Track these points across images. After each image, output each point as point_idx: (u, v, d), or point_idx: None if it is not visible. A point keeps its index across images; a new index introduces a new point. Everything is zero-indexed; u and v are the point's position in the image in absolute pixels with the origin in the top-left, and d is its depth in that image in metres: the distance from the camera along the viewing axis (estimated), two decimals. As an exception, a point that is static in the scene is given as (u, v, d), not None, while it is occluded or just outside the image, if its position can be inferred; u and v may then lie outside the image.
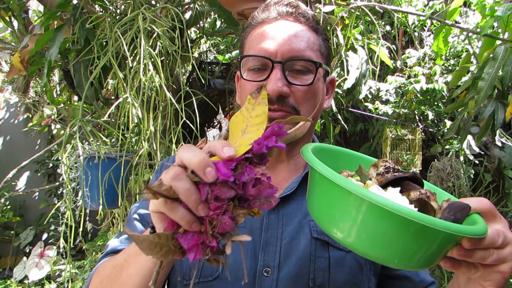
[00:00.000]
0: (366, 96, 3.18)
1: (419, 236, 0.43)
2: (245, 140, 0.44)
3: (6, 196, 3.22)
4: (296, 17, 0.76)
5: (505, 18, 1.36)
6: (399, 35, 3.68)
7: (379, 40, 2.13)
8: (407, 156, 3.30)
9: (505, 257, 0.49)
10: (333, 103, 1.90)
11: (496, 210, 0.51)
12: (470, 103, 1.47)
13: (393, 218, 0.42)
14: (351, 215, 0.45)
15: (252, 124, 0.44)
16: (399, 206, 0.42)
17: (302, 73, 0.72)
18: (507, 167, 2.91)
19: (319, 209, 0.51)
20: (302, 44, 0.73)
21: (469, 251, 0.46)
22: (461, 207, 0.48)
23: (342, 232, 0.47)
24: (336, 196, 0.47)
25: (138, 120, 1.57)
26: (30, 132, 3.77)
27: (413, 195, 0.49)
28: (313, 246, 0.70)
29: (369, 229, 0.45)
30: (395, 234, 0.43)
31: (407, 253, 0.44)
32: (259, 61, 0.72)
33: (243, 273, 0.67)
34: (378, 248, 0.45)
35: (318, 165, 0.48)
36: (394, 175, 0.51)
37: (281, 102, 0.70)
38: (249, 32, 0.79)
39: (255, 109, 0.45)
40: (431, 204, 0.49)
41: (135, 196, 1.63)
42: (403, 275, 0.77)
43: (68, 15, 1.67)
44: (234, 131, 0.46)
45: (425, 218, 0.41)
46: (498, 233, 0.48)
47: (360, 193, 0.43)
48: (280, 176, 0.79)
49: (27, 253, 3.67)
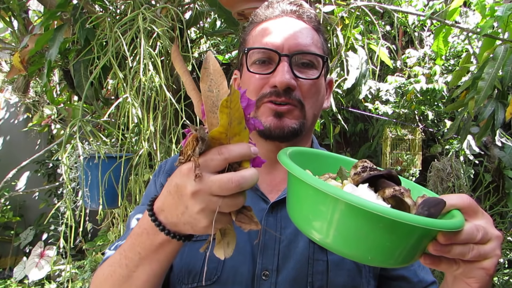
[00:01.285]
0: (366, 96, 3.18)
1: (389, 231, 0.42)
2: (238, 129, 0.45)
3: (6, 196, 3.23)
4: (299, 15, 0.76)
5: (505, 18, 1.35)
6: (399, 35, 3.68)
7: (379, 40, 2.13)
8: (407, 156, 3.30)
9: (486, 253, 0.48)
10: (333, 103, 1.90)
11: (478, 206, 0.50)
12: (470, 103, 1.47)
13: (361, 214, 0.42)
14: (323, 213, 0.45)
15: (234, 109, 0.45)
16: (366, 201, 0.41)
17: (308, 68, 0.73)
18: (507, 167, 2.91)
19: (296, 211, 0.51)
20: (308, 39, 0.73)
21: (446, 247, 0.45)
22: (435, 202, 0.47)
23: (318, 233, 0.47)
24: (307, 196, 0.48)
25: (138, 120, 1.57)
26: (30, 132, 3.77)
27: (387, 192, 0.49)
28: (311, 249, 0.70)
29: (340, 227, 0.44)
30: (365, 230, 0.43)
31: (380, 250, 0.44)
32: (265, 54, 0.72)
33: (242, 277, 0.67)
34: (351, 245, 0.45)
35: (291, 166, 0.48)
36: (370, 174, 0.51)
37: (288, 94, 0.70)
38: (252, 29, 0.79)
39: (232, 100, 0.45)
40: (405, 201, 0.48)
41: (135, 196, 1.63)
42: (400, 275, 0.76)
43: (68, 15, 1.67)
44: (218, 131, 0.47)
45: (392, 212, 0.40)
46: (477, 228, 0.47)
47: (328, 190, 0.43)
48: (278, 178, 0.78)
49: (27, 253, 3.67)
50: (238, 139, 0.46)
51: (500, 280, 2.20)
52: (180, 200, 0.46)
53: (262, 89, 0.72)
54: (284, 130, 0.71)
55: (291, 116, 0.71)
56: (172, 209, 0.48)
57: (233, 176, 0.43)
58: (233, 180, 0.43)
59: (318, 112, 0.78)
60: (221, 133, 0.45)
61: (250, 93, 0.73)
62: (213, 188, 0.44)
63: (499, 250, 0.49)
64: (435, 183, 2.71)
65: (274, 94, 0.70)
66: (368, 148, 3.88)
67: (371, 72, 2.06)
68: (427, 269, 0.79)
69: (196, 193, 0.44)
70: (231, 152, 0.44)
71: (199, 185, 0.44)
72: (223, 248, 0.49)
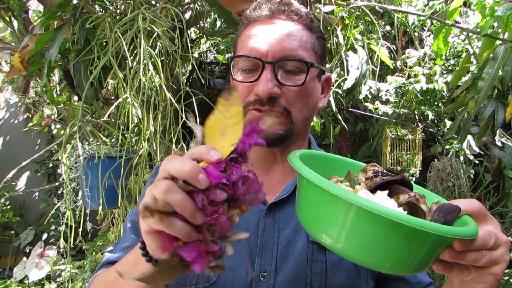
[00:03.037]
0: (366, 96, 3.17)
1: (409, 239, 0.42)
2: (226, 142, 0.43)
3: (6, 196, 3.22)
4: (288, 15, 0.75)
5: (505, 18, 1.35)
6: (399, 35, 3.68)
7: (379, 40, 2.13)
8: (407, 156, 3.30)
9: (497, 259, 0.48)
10: (333, 103, 1.90)
11: (487, 211, 0.50)
12: (470, 103, 1.47)
13: (382, 222, 0.42)
14: (340, 220, 0.45)
15: (229, 125, 0.44)
16: (387, 209, 0.41)
17: (294, 73, 0.71)
18: (507, 167, 2.91)
19: (307, 215, 0.51)
20: (294, 43, 0.71)
21: (461, 253, 0.46)
22: (451, 209, 0.47)
23: (331, 238, 0.46)
24: (324, 201, 0.47)
25: (138, 120, 1.57)
26: (30, 132, 3.77)
27: (402, 198, 0.49)
28: (310, 249, 0.70)
29: (358, 234, 0.44)
30: (384, 238, 0.43)
31: (398, 258, 0.44)
32: (250, 61, 0.71)
33: (240, 279, 0.67)
34: (368, 253, 0.44)
35: (306, 171, 0.48)
36: (383, 179, 0.51)
37: (272, 103, 0.69)
38: (242, 32, 0.78)
39: (229, 110, 0.45)
40: (420, 207, 0.48)
41: (135, 196, 1.63)
42: (399, 276, 0.76)
43: (68, 15, 1.67)
44: (211, 135, 0.46)
45: (414, 221, 0.40)
46: (489, 234, 0.47)
47: (348, 197, 0.42)
48: (275, 179, 0.78)
49: (27, 253, 3.67)
50: (222, 144, 0.44)
51: (500, 280, 2.21)
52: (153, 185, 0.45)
53: (247, 96, 0.71)
54: (269, 137, 0.70)
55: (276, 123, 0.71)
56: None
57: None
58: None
59: (311, 113, 0.77)
60: (213, 127, 0.45)
61: None
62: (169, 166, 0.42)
63: (507, 255, 0.49)
64: (435, 183, 2.71)
65: (258, 103, 0.69)
66: (368, 148, 3.88)
67: (371, 72, 2.06)
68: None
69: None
70: (196, 150, 0.43)
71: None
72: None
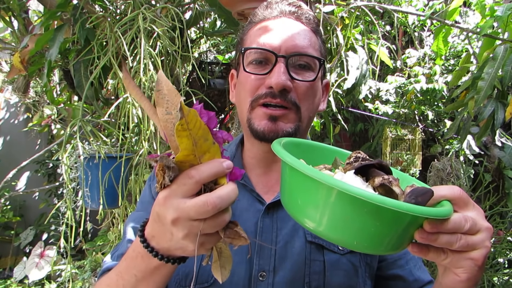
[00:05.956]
0: (366, 96, 3.18)
1: (374, 217, 0.43)
2: (206, 147, 0.44)
3: (6, 196, 3.23)
4: (298, 16, 0.76)
5: (505, 18, 1.36)
6: (399, 35, 3.68)
7: (379, 40, 2.13)
8: (407, 156, 3.30)
9: (475, 244, 0.48)
10: (333, 103, 1.90)
11: (469, 198, 0.50)
12: (470, 103, 1.47)
13: (346, 199, 0.43)
14: (312, 200, 0.46)
15: (198, 135, 0.43)
16: (350, 186, 0.42)
17: (305, 70, 0.72)
18: (507, 167, 2.91)
19: (288, 200, 0.52)
20: (305, 41, 0.73)
21: (432, 235, 0.46)
22: (423, 192, 0.47)
23: (310, 220, 0.47)
24: (298, 183, 0.48)
25: (138, 120, 1.57)
26: (30, 132, 3.77)
27: (376, 181, 0.50)
28: (308, 249, 0.70)
29: (328, 212, 0.45)
30: (350, 215, 0.44)
31: (365, 235, 0.45)
32: (262, 54, 0.72)
33: (239, 278, 0.67)
34: (338, 230, 0.46)
35: (281, 153, 0.49)
36: (361, 163, 0.52)
37: (284, 96, 0.70)
38: (250, 28, 0.78)
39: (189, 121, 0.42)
40: (394, 190, 0.49)
41: (135, 196, 1.63)
42: (396, 274, 0.76)
43: (68, 15, 1.67)
44: (191, 159, 0.45)
45: (375, 198, 0.41)
46: (465, 218, 0.47)
47: (316, 176, 0.43)
48: (273, 179, 0.78)
49: (27, 253, 3.67)
50: (208, 157, 0.44)
51: (500, 280, 2.20)
52: (165, 227, 0.46)
53: (258, 89, 0.71)
54: (279, 134, 0.70)
55: (286, 120, 0.71)
56: (161, 236, 0.48)
57: (208, 199, 0.43)
58: (208, 203, 0.42)
59: (314, 114, 0.78)
60: (188, 155, 0.43)
61: (246, 93, 0.73)
62: (191, 214, 0.43)
63: (488, 242, 0.49)
64: (435, 183, 2.71)
65: (269, 95, 0.70)
66: (368, 148, 3.88)
67: (371, 72, 2.06)
68: (423, 269, 0.79)
69: (176, 220, 0.44)
70: (202, 173, 0.43)
71: (176, 213, 0.44)
72: (220, 270, 0.49)
